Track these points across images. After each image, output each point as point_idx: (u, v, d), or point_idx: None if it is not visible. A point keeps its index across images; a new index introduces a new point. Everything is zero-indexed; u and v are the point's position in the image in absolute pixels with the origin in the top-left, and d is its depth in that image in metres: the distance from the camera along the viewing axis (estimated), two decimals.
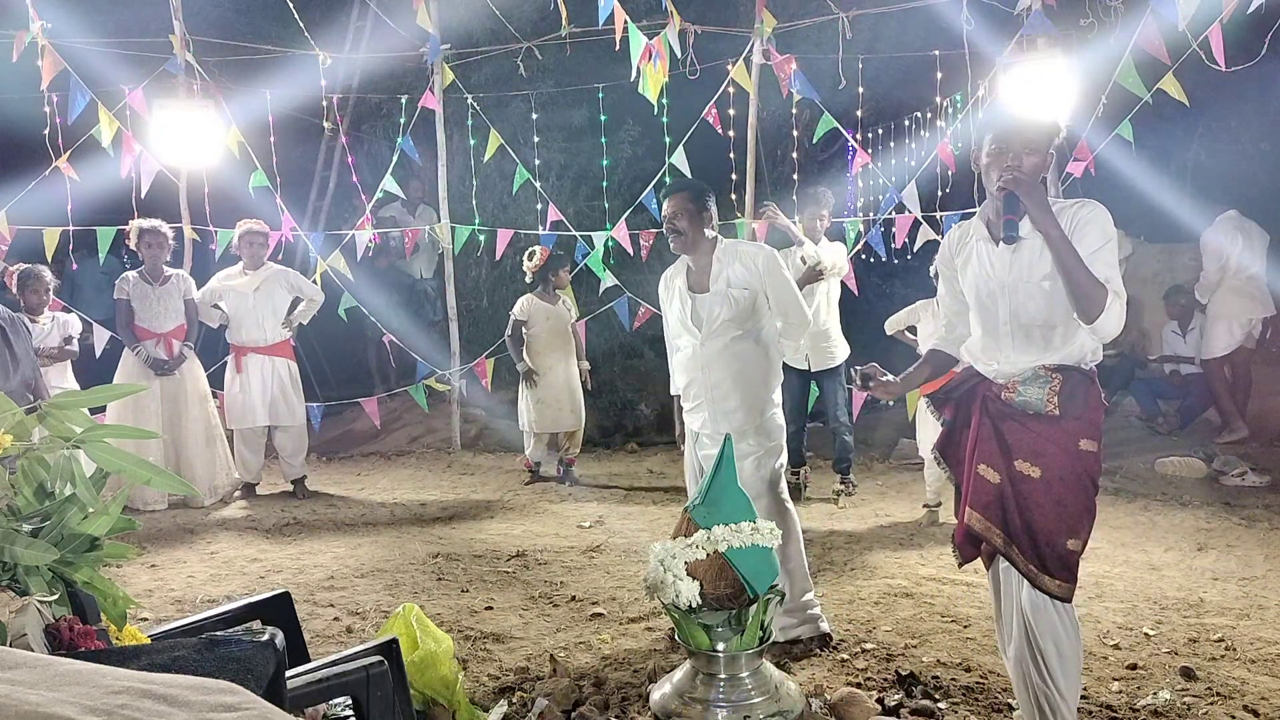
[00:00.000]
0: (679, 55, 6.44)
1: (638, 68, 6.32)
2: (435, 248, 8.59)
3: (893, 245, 7.16)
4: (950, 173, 7.12)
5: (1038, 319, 2.50)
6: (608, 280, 7.39)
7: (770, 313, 3.58)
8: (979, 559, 2.68)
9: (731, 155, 7.08)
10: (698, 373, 3.58)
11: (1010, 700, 2.97)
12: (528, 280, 6.71)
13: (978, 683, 3.18)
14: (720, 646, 2.57)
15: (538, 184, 7.59)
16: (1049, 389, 2.48)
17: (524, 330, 6.56)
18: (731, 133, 6.87)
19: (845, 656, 3.45)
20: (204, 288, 6.33)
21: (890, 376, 2.79)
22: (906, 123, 8.78)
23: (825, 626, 3.57)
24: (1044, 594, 2.47)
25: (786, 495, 3.59)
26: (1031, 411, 2.50)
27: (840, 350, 5.94)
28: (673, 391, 3.83)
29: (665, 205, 3.58)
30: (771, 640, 2.71)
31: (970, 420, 2.67)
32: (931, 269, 4.21)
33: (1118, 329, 2.43)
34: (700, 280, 3.58)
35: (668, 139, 6.97)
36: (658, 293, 3.86)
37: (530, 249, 6.74)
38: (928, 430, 5.35)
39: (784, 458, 3.62)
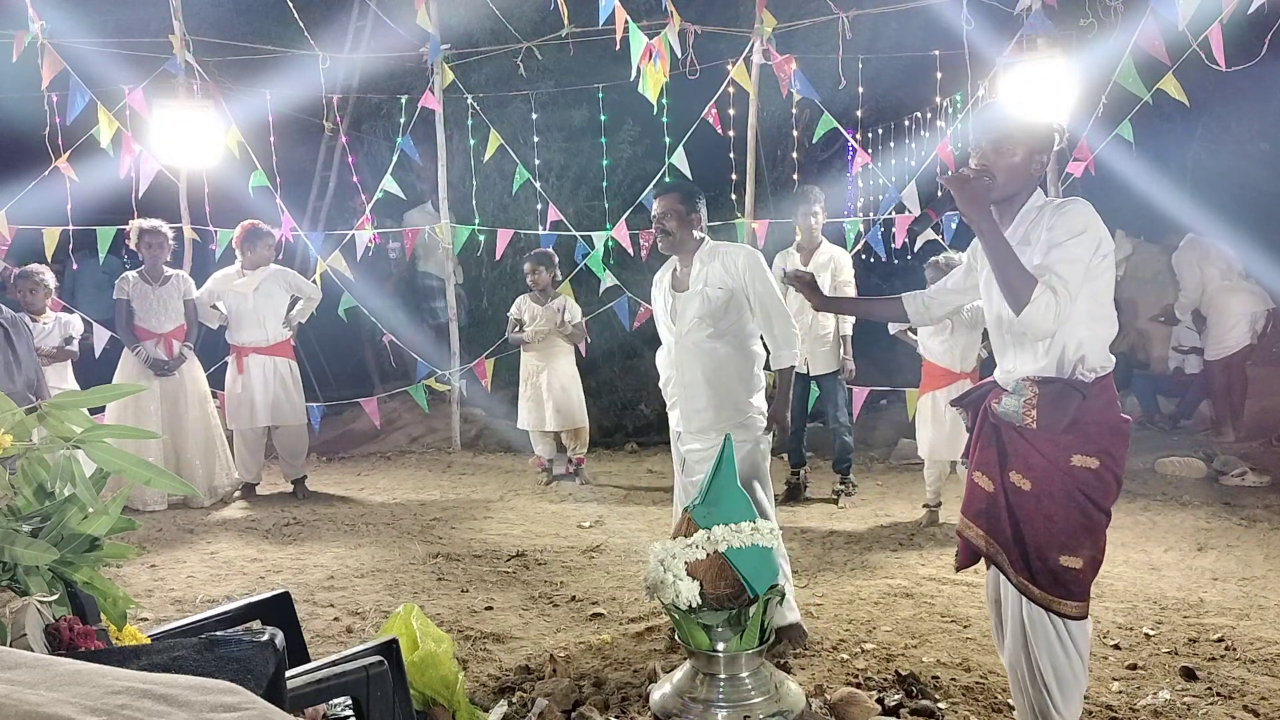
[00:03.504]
0: (679, 55, 6.44)
1: (638, 68, 6.32)
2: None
3: (893, 245, 7.16)
4: (950, 173, 7.11)
5: (1016, 325, 2.45)
6: (607, 280, 7.39)
7: (752, 315, 3.56)
8: (981, 561, 2.68)
9: (731, 155, 7.08)
10: (673, 370, 3.65)
11: (1010, 700, 2.97)
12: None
13: (978, 683, 3.18)
14: (720, 646, 2.57)
15: (538, 184, 7.58)
16: (1024, 401, 2.46)
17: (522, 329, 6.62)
18: (731, 133, 6.87)
19: (845, 656, 3.45)
20: (202, 288, 6.32)
21: (813, 283, 3.09)
22: (906, 123, 8.77)
23: (796, 616, 3.54)
24: (1039, 607, 2.45)
25: (765, 492, 3.55)
26: (1016, 424, 2.48)
27: (838, 354, 5.92)
28: (661, 385, 3.86)
29: (655, 205, 3.64)
30: (771, 640, 2.71)
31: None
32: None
33: (1047, 325, 2.34)
34: (683, 279, 3.64)
35: (668, 139, 6.97)
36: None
37: None
38: (927, 430, 5.36)
39: (767, 445, 3.60)
